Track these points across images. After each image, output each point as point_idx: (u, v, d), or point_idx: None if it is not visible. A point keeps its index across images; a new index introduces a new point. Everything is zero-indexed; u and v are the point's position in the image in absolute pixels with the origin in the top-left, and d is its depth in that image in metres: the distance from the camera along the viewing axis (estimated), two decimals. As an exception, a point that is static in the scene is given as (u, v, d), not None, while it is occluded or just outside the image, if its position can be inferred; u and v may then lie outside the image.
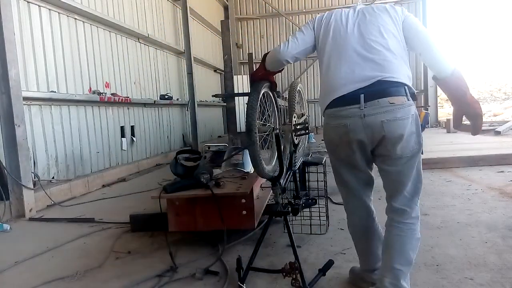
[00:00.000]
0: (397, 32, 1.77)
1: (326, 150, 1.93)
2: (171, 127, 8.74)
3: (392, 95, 1.65)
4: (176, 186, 2.56)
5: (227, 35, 4.55)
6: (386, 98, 1.65)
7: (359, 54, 1.73)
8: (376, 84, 1.66)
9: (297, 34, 1.91)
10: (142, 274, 2.36)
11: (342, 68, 1.73)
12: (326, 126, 1.80)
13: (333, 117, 1.75)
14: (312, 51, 1.95)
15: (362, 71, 1.70)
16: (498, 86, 23.69)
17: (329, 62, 1.79)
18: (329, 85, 1.77)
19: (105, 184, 5.57)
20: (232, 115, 4.68)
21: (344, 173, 1.87)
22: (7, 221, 3.74)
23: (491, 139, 8.26)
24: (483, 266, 2.21)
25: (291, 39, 1.89)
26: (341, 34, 1.79)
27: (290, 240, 2.11)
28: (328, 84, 1.77)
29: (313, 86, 14.89)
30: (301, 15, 14.68)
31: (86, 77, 5.70)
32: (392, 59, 1.71)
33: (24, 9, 4.54)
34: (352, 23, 1.79)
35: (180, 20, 9.34)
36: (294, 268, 1.93)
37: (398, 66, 1.71)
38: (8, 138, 3.87)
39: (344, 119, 1.69)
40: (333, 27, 1.82)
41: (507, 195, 3.74)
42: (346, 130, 1.69)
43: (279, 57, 1.92)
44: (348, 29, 1.78)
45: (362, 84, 1.67)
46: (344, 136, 1.72)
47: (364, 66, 1.70)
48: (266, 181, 3.69)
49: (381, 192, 1.91)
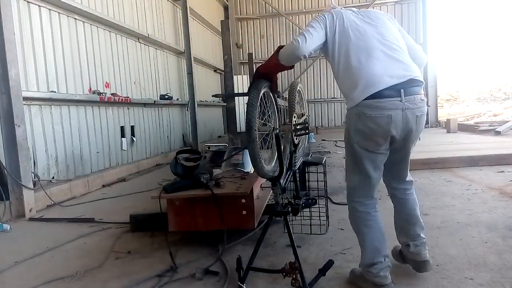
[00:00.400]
0: (401, 37, 2.02)
1: (350, 139, 1.94)
2: (171, 127, 8.74)
3: (421, 92, 1.88)
4: (176, 186, 2.56)
5: (227, 35, 4.56)
6: (419, 95, 1.85)
7: (385, 54, 1.87)
8: (409, 82, 1.82)
9: (311, 31, 1.95)
10: (142, 274, 2.36)
11: (374, 65, 1.83)
12: (361, 116, 1.84)
13: (374, 108, 1.80)
14: (320, 48, 2.02)
15: (394, 69, 1.84)
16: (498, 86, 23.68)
17: (359, 59, 1.87)
18: (364, 80, 1.83)
19: (105, 184, 5.57)
20: (232, 115, 4.68)
21: (366, 162, 1.93)
22: (7, 221, 3.74)
23: (491, 139, 8.26)
24: (483, 266, 2.21)
25: (307, 35, 1.92)
26: (362, 35, 1.92)
27: (290, 240, 2.11)
28: (363, 79, 1.83)
29: (313, 86, 14.90)
30: (301, 15, 14.69)
31: (86, 77, 5.70)
32: (410, 59, 1.94)
33: (24, 9, 4.54)
34: (366, 26, 1.96)
35: (180, 20, 9.34)
36: (294, 268, 1.93)
37: (415, 66, 1.93)
38: (8, 138, 3.87)
39: (387, 110, 1.79)
40: (350, 28, 1.94)
41: (507, 195, 3.74)
42: (388, 121, 1.79)
43: (297, 53, 1.94)
44: (367, 31, 1.94)
45: (398, 80, 1.80)
46: (385, 126, 1.81)
47: (393, 65, 1.85)
48: (266, 181, 3.70)
49: (381, 192, 1.91)
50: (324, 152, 7.86)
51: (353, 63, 1.88)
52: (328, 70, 14.70)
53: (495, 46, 38.28)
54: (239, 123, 4.95)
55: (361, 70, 1.85)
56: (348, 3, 14.28)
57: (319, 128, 14.24)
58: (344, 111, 14.68)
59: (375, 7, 13.85)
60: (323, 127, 14.60)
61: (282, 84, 15.00)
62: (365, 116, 1.82)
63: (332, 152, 7.86)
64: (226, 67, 4.56)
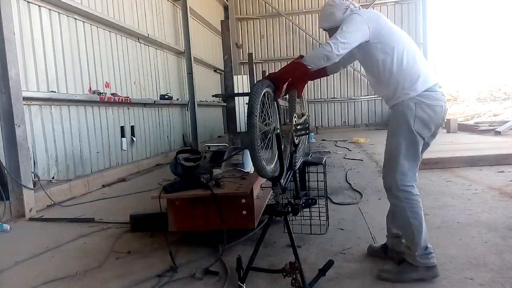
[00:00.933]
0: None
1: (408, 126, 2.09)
2: (171, 127, 8.74)
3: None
4: (176, 186, 2.56)
5: (227, 35, 4.56)
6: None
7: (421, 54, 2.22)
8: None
9: (347, 35, 2.03)
10: (142, 274, 2.36)
11: (422, 63, 2.16)
12: (422, 105, 2.08)
13: (432, 98, 2.09)
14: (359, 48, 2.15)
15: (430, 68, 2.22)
16: (498, 86, 23.66)
17: (413, 56, 2.14)
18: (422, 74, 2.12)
19: (105, 184, 5.57)
20: (232, 115, 4.69)
21: (420, 148, 2.15)
22: (7, 221, 3.74)
23: (491, 139, 8.26)
24: (483, 266, 2.21)
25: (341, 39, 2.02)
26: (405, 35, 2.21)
27: (290, 240, 2.12)
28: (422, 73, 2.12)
29: (313, 86, 14.88)
30: (301, 15, 14.69)
31: (86, 77, 5.70)
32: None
33: (24, 9, 4.54)
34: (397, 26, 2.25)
35: (180, 20, 9.34)
36: (294, 268, 1.93)
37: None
38: (8, 138, 3.87)
39: (441, 101, 2.12)
40: (394, 28, 2.17)
41: (507, 195, 3.74)
42: (441, 110, 2.12)
43: (331, 56, 2.02)
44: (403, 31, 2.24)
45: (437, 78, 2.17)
46: (439, 114, 2.11)
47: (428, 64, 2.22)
48: (266, 181, 3.70)
49: (381, 192, 1.90)
50: (324, 152, 7.86)
51: (410, 59, 2.12)
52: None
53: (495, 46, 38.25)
54: (239, 123, 4.95)
55: (417, 66, 2.13)
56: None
57: (319, 128, 14.24)
58: (344, 111, 14.71)
59: (375, 7, 13.85)
60: (323, 127, 14.60)
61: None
62: (425, 104, 2.08)
63: (332, 152, 7.87)
64: (226, 67, 4.57)
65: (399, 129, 2.13)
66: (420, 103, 2.07)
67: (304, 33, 14.68)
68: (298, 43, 14.83)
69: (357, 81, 14.56)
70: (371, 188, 4.39)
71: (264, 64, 14.76)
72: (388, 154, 2.20)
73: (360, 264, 2.35)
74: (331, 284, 2.10)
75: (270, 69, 14.81)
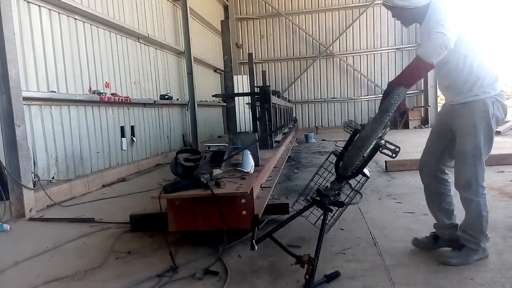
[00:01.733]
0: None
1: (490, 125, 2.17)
2: (171, 127, 8.75)
3: None
4: (176, 186, 2.56)
5: (227, 35, 4.55)
6: None
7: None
8: None
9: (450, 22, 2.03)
10: (142, 274, 2.36)
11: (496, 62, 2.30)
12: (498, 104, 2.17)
13: (504, 99, 2.21)
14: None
15: None
16: (498, 86, 23.67)
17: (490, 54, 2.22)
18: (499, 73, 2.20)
19: (105, 184, 5.57)
20: (232, 115, 4.68)
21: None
22: (7, 221, 3.74)
23: (491, 139, 8.25)
24: (483, 266, 2.21)
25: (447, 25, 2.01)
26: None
27: (320, 233, 2.16)
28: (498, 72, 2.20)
29: (313, 86, 14.90)
30: (301, 15, 14.70)
31: (86, 77, 5.70)
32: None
33: (24, 9, 4.54)
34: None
35: (180, 20, 9.34)
36: (310, 262, 1.96)
37: None
38: (8, 138, 3.87)
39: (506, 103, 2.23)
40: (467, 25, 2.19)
41: (507, 195, 3.74)
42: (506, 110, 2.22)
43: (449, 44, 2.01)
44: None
45: None
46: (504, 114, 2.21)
47: None
48: (266, 181, 3.70)
49: (381, 192, 1.90)
50: (324, 152, 7.86)
51: (489, 57, 2.18)
52: (328, 70, 14.73)
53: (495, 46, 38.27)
54: (239, 123, 4.95)
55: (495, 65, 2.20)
56: (348, 3, 14.29)
57: (319, 128, 14.24)
58: (343, 111, 14.71)
59: (375, 7, 13.87)
60: (323, 127, 14.60)
61: (282, 84, 15.03)
62: (500, 104, 2.18)
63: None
64: (226, 67, 4.56)
65: (479, 127, 2.16)
66: (497, 102, 2.16)
67: (304, 33, 14.68)
68: (298, 43, 14.85)
69: (357, 81, 14.57)
70: (371, 188, 4.38)
71: (264, 64, 14.77)
72: (467, 151, 2.20)
73: (360, 264, 2.34)
74: (331, 284, 2.10)
75: (270, 69, 14.84)
